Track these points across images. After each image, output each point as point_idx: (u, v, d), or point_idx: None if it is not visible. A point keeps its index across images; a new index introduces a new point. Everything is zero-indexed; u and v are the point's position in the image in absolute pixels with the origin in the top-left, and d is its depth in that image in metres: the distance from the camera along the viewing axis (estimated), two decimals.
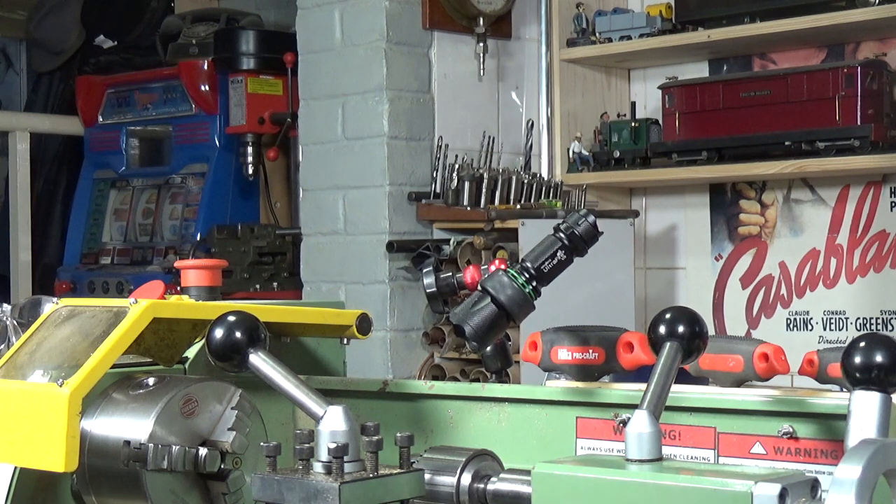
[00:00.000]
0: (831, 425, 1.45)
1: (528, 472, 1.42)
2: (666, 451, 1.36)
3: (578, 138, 4.59)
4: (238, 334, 1.52)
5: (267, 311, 1.74)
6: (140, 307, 1.60)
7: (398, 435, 1.46)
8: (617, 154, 4.50)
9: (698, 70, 4.58)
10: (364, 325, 1.88)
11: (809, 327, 4.36)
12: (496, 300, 1.57)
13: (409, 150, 4.43)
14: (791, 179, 4.38)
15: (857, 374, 1.28)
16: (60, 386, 1.50)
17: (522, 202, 4.36)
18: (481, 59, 4.58)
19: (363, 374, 3.33)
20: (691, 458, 1.55)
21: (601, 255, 2.11)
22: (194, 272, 2.06)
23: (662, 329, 1.43)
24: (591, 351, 1.71)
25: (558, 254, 1.60)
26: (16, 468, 1.65)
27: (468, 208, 4.32)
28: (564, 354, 1.72)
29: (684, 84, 4.37)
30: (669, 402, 1.40)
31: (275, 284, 5.15)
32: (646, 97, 4.71)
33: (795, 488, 1.21)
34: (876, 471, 1.13)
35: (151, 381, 1.60)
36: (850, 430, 1.26)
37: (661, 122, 4.42)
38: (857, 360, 1.28)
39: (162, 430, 1.54)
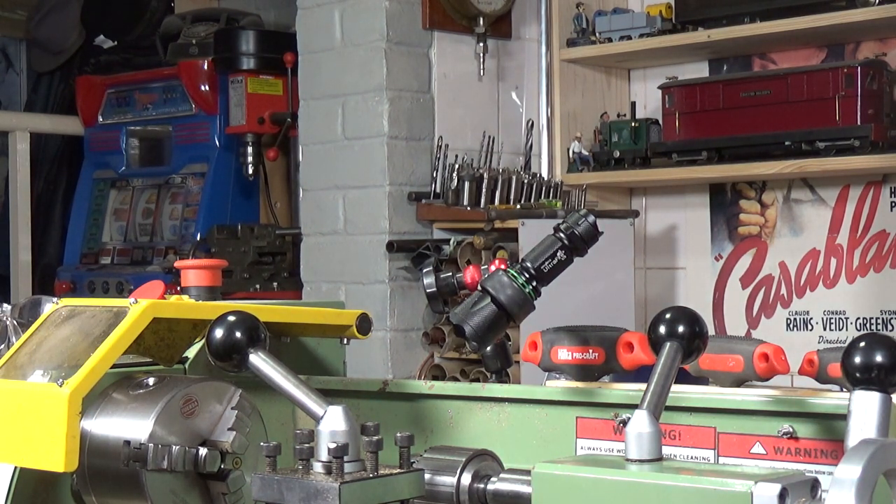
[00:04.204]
0: (831, 425, 1.45)
1: (528, 472, 1.42)
2: (666, 451, 1.36)
3: (578, 138, 4.59)
4: (238, 334, 1.52)
5: (267, 311, 1.75)
6: (140, 307, 1.60)
7: (398, 435, 1.46)
8: (617, 154, 4.50)
9: (698, 70, 4.58)
10: (364, 325, 1.88)
11: (809, 327, 4.36)
12: (496, 300, 1.57)
13: (409, 150, 4.43)
14: (791, 179, 4.38)
15: (857, 374, 1.28)
16: (60, 386, 1.50)
17: (522, 202, 4.36)
18: (481, 59, 4.58)
19: (363, 374, 3.33)
20: (691, 458, 1.55)
21: (601, 255, 2.11)
22: (194, 272, 2.07)
23: (662, 329, 1.43)
24: (591, 351, 1.71)
25: (558, 254, 1.60)
26: (16, 468, 1.65)
27: (468, 208, 4.32)
28: (564, 354, 1.72)
29: (684, 84, 4.37)
30: (669, 402, 1.40)
31: (275, 284, 5.15)
32: (646, 97, 4.71)
33: (795, 488, 1.21)
34: (876, 471, 1.13)
35: (151, 381, 1.60)
36: (850, 430, 1.26)
37: (661, 122, 4.42)
38: (857, 360, 1.28)
39: (162, 430, 1.54)
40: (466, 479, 1.55)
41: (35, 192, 5.88)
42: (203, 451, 1.55)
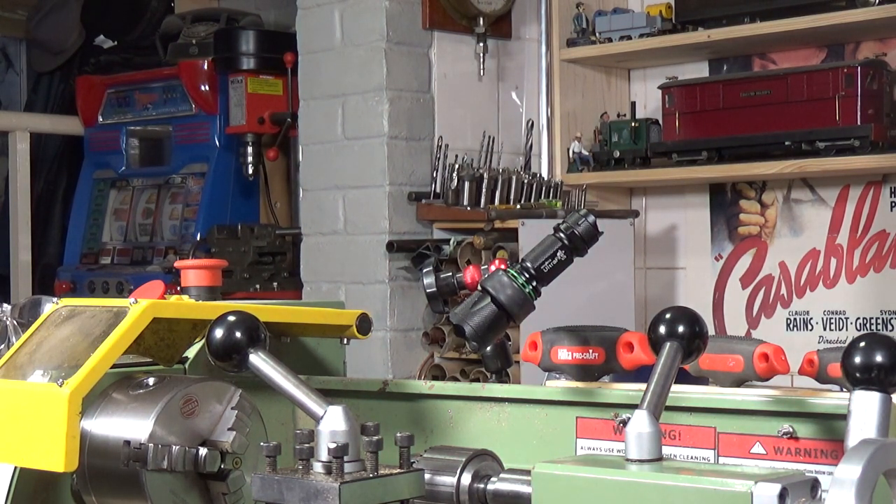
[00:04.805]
0: (831, 425, 1.45)
1: (528, 472, 1.42)
2: (666, 451, 1.36)
3: (578, 138, 4.59)
4: (238, 334, 1.52)
5: (267, 311, 1.75)
6: (140, 307, 1.60)
7: (398, 435, 1.46)
8: (617, 154, 4.50)
9: (698, 70, 4.58)
10: (364, 325, 1.88)
11: (809, 327, 4.36)
12: (496, 300, 1.57)
13: (409, 150, 4.43)
14: (791, 179, 4.38)
15: (857, 374, 1.28)
16: (60, 386, 1.50)
17: (522, 202, 4.36)
18: (481, 59, 4.58)
19: (363, 374, 3.33)
20: (691, 458, 1.55)
21: (601, 255, 2.11)
22: (194, 272, 2.07)
23: (662, 329, 1.43)
24: (591, 351, 1.71)
25: (558, 254, 1.60)
26: (16, 468, 1.65)
27: (468, 208, 4.32)
28: (564, 354, 1.72)
29: (684, 84, 4.37)
30: (669, 402, 1.40)
31: (275, 284, 5.15)
32: (646, 97, 4.71)
33: (795, 488, 1.21)
34: (876, 471, 1.13)
35: (151, 381, 1.60)
36: (850, 430, 1.26)
37: (661, 122, 4.42)
38: (857, 360, 1.28)
39: (162, 430, 1.54)
40: (466, 479, 1.55)
41: (35, 192, 5.88)
42: (203, 451, 1.55)
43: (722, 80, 4.32)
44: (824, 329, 4.33)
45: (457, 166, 4.38)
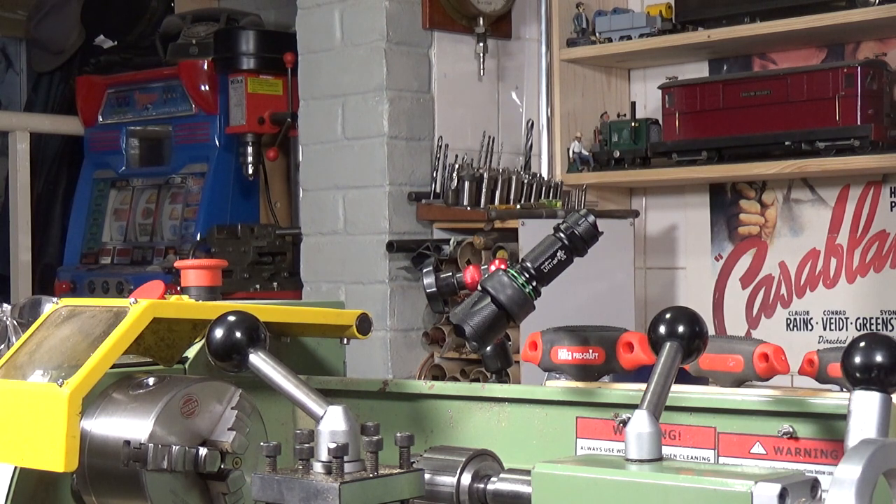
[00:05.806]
0: (831, 425, 1.45)
1: (528, 472, 1.42)
2: (666, 451, 1.36)
3: (578, 138, 4.59)
4: (238, 334, 1.52)
5: (267, 311, 1.75)
6: (140, 307, 1.60)
7: (398, 435, 1.46)
8: (617, 154, 4.50)
9: (698, 70, 4.58)
10: (364, 325, 1.88)
11: (809, 327, 4.36)
12: (496, 300, 1.57)
13: (409, 150, 4.43)
14: (791, 179, 4.38)
15: (857, 374, 1.28)
16: (60, 386, 1.50)
17: (522, 202, 4.36)
18: (481, 59, 4.58)
19: (363, 374, 3.33)
20: (691, 458, 1.55)
21: (601, 255, 2.11)
22: (194, 272, 2.06)
23: (662, 329, 1.43)
24: (591, 351, 1.71)
25: (558, 254, 1.60)
26: (16, 468, 1.65)
27: (468, 208, 4.32)
28: (564, 354, 1.72)
29: (684, 84, 4.37)
30: (669, 402, 1.40)
31: (275, 284, 5.15)
32: (646, 97, 4.71)
33: (795, 488, 1.21)
34: (876, 471, 1.13)
35: (151, 381, 1.60)
36: (850, 430, 1.26)
37: (661, 122, 4.42)
38: (857, 360, 1.28)
39: (162, 430, 1.54)
40: (466, 479, 1.55)
41: (35, 192, 5.88)
42: (203, 451, 1.55)
43: (722, 80, 4.32)
44: (824, 329, 4.33)
45: (457, 166, 4.38)
